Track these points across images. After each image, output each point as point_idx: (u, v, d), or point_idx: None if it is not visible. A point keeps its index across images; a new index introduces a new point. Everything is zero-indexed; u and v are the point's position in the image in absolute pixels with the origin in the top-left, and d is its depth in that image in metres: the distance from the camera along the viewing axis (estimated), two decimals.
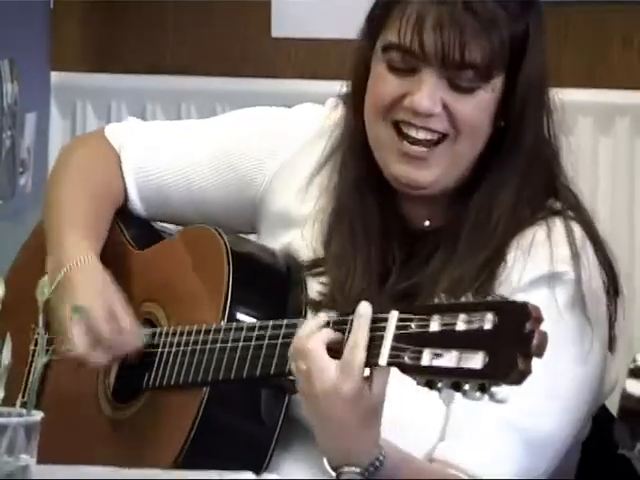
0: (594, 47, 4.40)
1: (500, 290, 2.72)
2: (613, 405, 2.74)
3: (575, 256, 2.73)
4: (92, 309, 2.87)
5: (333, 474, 2.49)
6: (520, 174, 2.85)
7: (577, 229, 2.79)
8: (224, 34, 5.03)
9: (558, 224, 2.80)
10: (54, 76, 4.94)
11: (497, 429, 2.58)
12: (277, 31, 4.99)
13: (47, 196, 3.16)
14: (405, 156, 2.79)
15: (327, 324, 2.49)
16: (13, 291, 2.41)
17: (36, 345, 2.97)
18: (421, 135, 2.76)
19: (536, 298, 2.52)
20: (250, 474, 2.45)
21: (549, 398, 2.61)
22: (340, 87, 2.83)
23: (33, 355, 2.99)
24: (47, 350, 2.44)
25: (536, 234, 2.79)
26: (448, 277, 2.81)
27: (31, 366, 2.91)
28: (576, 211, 2.82)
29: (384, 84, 2.79)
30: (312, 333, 2.48)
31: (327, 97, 2.93)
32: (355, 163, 2.92)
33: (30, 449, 2.10)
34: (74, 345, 2.76)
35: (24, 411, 2.10)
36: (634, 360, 2.21)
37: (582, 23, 4.25)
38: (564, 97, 2.81)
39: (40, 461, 2.13)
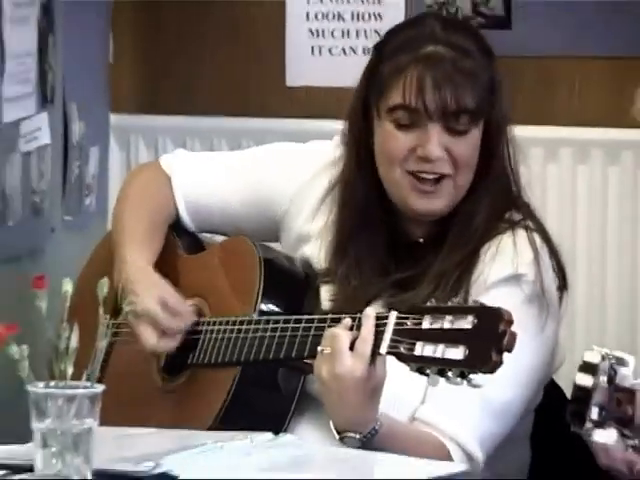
0: (543, 92, 4.35)
1: (474, 286, 2.90)
2: (559, 378, 2.97)
3: (535, 260, 2.88)
4: (149, 305, 2.93)
5: (337, 437, 2.67)
6: (491, 194, 2.98)
7: (537, 238, 2.91)
8: (246, 82, 4.84)
9: (521, 233, 2.91)
10: (112, 117, 4.91)
11: (468, 398, 2.63)
12: (290, 81, 4.85)
13: (115, 214, 3.29)
14: (420, 193, 2.93)
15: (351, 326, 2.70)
16: (82, 290, 2.70)
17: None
18: (430, 176, 2.90)
19: (503, 293, 2.82)
20: (270, 435, 2.63)
21: (510, 375, 2.62)
22: (341, 126, 2.97)
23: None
24: (105, 334, 2.52)
25: (502, 241, 2.90)
26: (433, 272, 2.92)
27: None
28: (534, 222, 2.95)
29: (396, 140, 2.92)
30: (345, 328, 2.62)
31: (332, 135, 3.03)
32: (361, 193, 3.02)
33: (93, 414, 2.19)
34: (144, 340, 2.91)
35: (89, 384, 2.19)
36: (582, 358, 2.21)
37: (532, 72, 4.25)
38: (519, 132, 2.97)
39: (102, 424, 2.20)
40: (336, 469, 2.55)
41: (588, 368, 2.24)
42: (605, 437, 2.26)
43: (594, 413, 2.24)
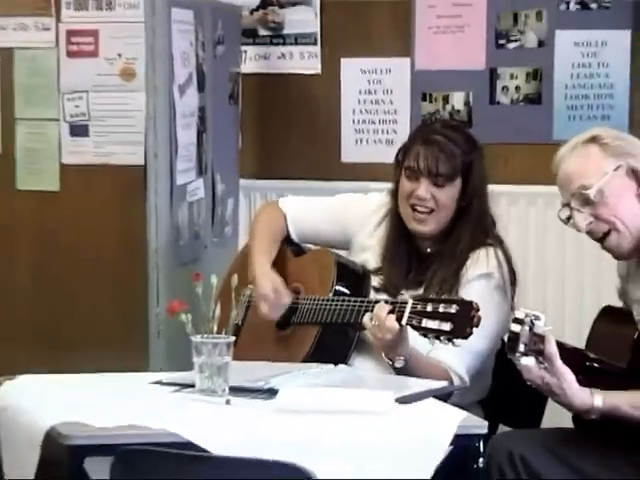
0: (495, 164, 4.32)
1: (462, 282, 3.47)
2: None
3: (498, 266, 3.49)
4: (264, 290, 3.57)
5: (388, 361, 3.22)
6: (472, 225, 3.54)
7: (500, 253, 3.53)
8: (317, 158, 5.13)
9: (491, 250, 3.52)
10: (241, 181, 5.19)
11: (460, 347, 3.08)
12: (344, 159, 5.26)
13: (250, 232, 3.93)
14: (415, 220, 3.53)
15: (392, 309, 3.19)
16: (226, 282, 3.34)
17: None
18: (422, 209, 3.50)
19: (478, 284, 3.42)
20: (332, 365, 3.25)
21: (483, 334, 3.18)
22: (372, 186, 4.01)
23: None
24: (235, 307, 3.07)
25: (480, 254, 3.51)
26: (437, 278, 3.49)
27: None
28: (500, 244, 3.57)
29: (405, 186, 3.53)
30: (384, 308, 3.13)
31: (367, 191, 3.79)
32: (394, 223, 3.60)
33: (229, 353, 2.87)
34: (261, 311, 3.54)
35: (226, 336, 2.85)
36: (515, 315, 2.84)
37: (487, 151, 3.83)
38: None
39: (238, 358, 2.95)
40: (377, 385, 3.15)
41: (517, 321, 2.85)
42: (527, 362, 2.88)
43: (521, 347, 2.84)
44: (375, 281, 3.69)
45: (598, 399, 3.01)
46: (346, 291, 3.59)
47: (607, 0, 4.82)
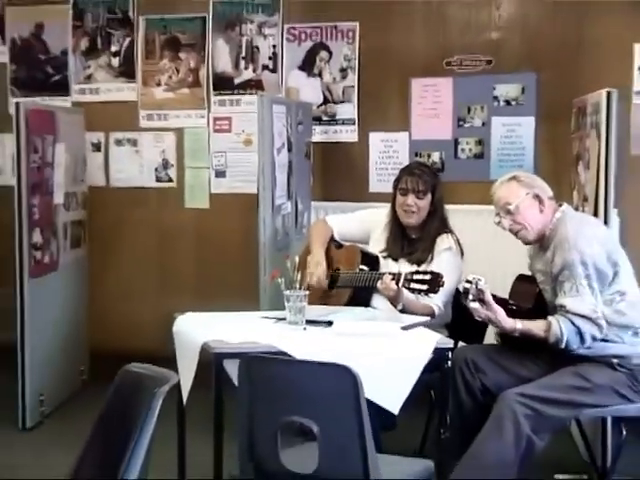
0: (454, 194, 4.49)
1: (435, 254, 3.67)
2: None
3: (455, 243, 3.69)
4: (316, 272, 3.73)
5: (393, 307, 3.38)
6: (437, 221, 3.74)
7: (452, 237, 3.72)
8: (352, 190, 5.49)
9: (449, 235, 3.73)
10: (313, 203, 5.35)
11: (438, 295, 3.37)
12: (371, 189, 5.46)
13: (309, 236, 4.10)
14: (406, 217, 3.73)
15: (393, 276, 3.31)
16: (302, 261, 3.59)
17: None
18: (409, 211, 3.72)
19: (445, 255, 3.64)
20: (363, 307, 3.57)
21: (448, 282, 3.38)
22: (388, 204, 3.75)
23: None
24: (296, 279, 3.20)
25: (443, 237, 3.71)
26: (419, 251, 3.71)
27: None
28: (452, 232, 3.75)
29: (400, 199, 3.73)
30: (389, 277, 3.38)
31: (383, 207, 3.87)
32: (393, 221, 3.78)
33: (304, 301, 3.15)
34: (314, 281, 3.67)
35: (302, 291, 3.19)
36: (466, 277, 3.15)
37: (445, 188, 4.04)
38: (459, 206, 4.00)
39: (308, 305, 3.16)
40: (387, 319, 3.37)
41: (468, 281, 3.10)
42: (474, 305, 3.12)
43: (470, 297, 3.09)
44: (383, 254, 3.78)
45: (519, 324, 3.19)
46: (366, 268, 3.70)
47: (521, 100, 5.11)
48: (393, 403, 2.76)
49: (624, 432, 3.17)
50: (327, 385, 2.37)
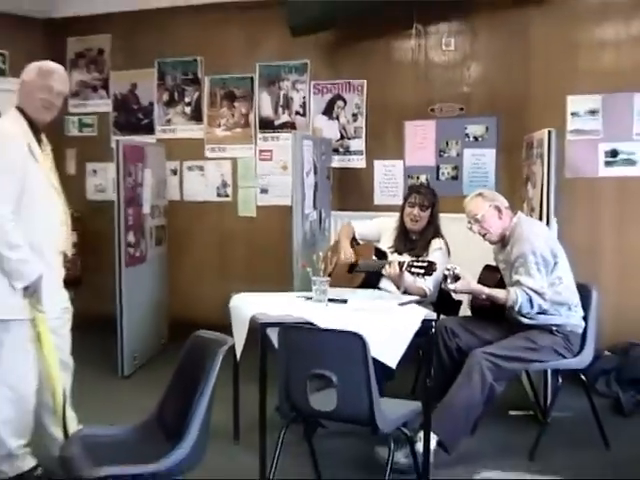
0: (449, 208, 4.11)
1: (430, 251, 3.59)
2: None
3: (445, 245, 3.61)
4: (344, 257, 3.70)
5: (397, 288, 3.32)
6: (433, 228, 3.68)
7: (443, 240, 3.64)
8: (361, 203, 5.32)
9: (441, 239, 3.65)
10: (332, 212, 5.13)
11: (429, 279, 3.29)
12: (376, 202, 5.30)
13: (338, 235, 4.02)
14: (411, 224, 3.65)
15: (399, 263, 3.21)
16: (325, 255, 3.67)
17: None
18: (414, 219, 3.63)
19: (437, 253, 3.56)
20: (372, 289, 3.53)
21: (438, 271, 3.17)
22: (395, 213, 3.73)
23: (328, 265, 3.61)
24: (322, 264, 3.20)
25: (436, 240, 3.64)
26: (418, 248, 3.63)
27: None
28: (443, 237, 3.67)
29: (407, 210, 3.65)
30: (396, 263, 3.30)
31: (391, 215, 3.87)
32: (401, 226, 3.68)
33: (327, 284, 3.12)
34: (341, 260, 3.65)
35: (325, 277, 3.17)
36: (446, 267, 3.13)
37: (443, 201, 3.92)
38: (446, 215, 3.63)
39: (332, 286, 3.15)
40: (389, 298, 3.32)
41: (447, 269, 3.10)
42: (452, 286, 3.11)
43: (449, 280, 3.09)
44: (390, 250, 3.72)
45: (486, 289, 3.21)
46: (376, 258, 3.70)
47: (485, 137, 4.97)
48: (392, 360, 2.75)
49: (560, 380, 3.19)
50: (343, 347, 2.37)
